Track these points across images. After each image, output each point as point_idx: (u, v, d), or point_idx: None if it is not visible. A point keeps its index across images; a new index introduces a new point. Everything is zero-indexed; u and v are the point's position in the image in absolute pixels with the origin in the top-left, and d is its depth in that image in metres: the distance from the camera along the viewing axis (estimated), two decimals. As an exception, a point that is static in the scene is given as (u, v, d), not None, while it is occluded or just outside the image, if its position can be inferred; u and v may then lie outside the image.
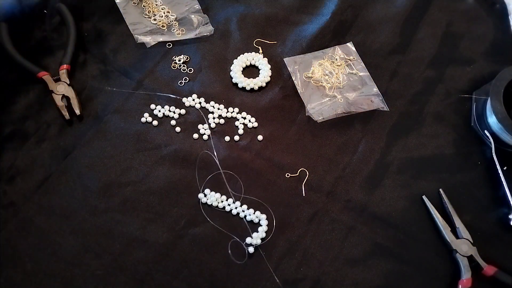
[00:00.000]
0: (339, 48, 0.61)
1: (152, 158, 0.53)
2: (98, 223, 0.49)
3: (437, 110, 0.58)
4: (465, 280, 0.46)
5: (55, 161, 0.52)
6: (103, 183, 0.51)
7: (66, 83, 0.55)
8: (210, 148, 0.54)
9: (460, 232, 0.49)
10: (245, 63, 0.60)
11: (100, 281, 0.46)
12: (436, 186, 0.52)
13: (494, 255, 0.48)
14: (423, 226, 0.50)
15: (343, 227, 0.50)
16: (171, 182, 0.52)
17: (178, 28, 0.62)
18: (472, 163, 0.55)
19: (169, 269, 0.47)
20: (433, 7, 0.65)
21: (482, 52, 0.62)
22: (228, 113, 0.56)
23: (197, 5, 0.64)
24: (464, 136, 0.56)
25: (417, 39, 0.63)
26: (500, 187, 0.52)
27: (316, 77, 0.59)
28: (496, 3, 0.66)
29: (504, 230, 0.50)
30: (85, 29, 0.61)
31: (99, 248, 0.48)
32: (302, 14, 0.64)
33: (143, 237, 0.49)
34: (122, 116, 0.55)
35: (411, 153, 0.55)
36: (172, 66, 0.59)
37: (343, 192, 0.52)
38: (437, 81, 0.60)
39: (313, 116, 0.56)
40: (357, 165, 0.54)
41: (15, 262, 0.47)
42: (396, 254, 0.49)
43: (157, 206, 0.50)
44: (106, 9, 0.63)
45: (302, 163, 0.53)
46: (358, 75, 0.60)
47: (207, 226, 0.49)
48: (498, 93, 0.53)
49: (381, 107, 0.57)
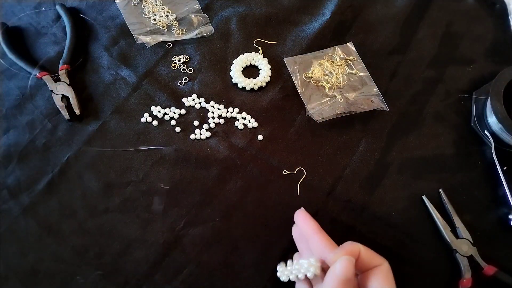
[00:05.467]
0: (339, 48, 0.61)
1: (152, 158, 0.53)
2: (98, 223, 0.49)
3: (437, 110, 0.58)
4: (465, 280, 0.46)
5: (55, 161, 0.52)
6: (103, 183, 0.51)
7: (66, 83, 0.55)
8: (210, 148, 0.54)
9: (460, 232, 0.49)
10: (245, 63, 0.60)
11: (100, 281, 0.46)
12: (436, 186, 0.52)
13: (494, 255, 0.48)
14: (423, 226, 0.50)
15: (343, 227, 0.50)
16: (171, 182, 0.52)
17: (178, 28, 0.62)
18: (472, 163, 0.55)
19: (169, 269, 0.47)
20: (433, 7, 0.65)
21: (482, 52, 0.62)
22: (228, 113, 0.56)
23: (197, 5, 0.64)
24: (464, 136, 0.56)
25: (417, 39, 0.63)
26: (500, 187, 0.52)
27: (316, 77, 0.59)
28: (496, 3, 0.66)
29: (504, 230, 0.50)
30: (85, 29, 0.61)
31: (99, 248, 0.48)
32: (302, 14, 0.64)
33: (143, 237, 0.49)
34: (122, 116, 0.55)
35: (411, 153, 0.55)
36: (172, 66, 0.59)
37: (343, 192, 0.52)
38: (437, 81, 0.60)
39: (313, 116, 0.56)
40: (357, 165, 0.54)
41: (15, 262, 0.47)
42: (396, 254, 0.49)
43: (157, 206, 0.50)
44: (106, 9, 0.63)
45: (302, 163, 0.53)
46: (358, 75, 0.60)
47: (207, 226, 0.49)
48: (498, 93, 0.53)
49: (381, 107, 0.57)
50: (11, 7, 0.62)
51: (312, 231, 0.41)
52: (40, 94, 0.56)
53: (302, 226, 0.42)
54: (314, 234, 0.40)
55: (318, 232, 0.41)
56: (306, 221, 0.42)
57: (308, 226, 0.41)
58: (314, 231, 0.41)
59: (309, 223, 0.42)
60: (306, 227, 0.41)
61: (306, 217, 0.42)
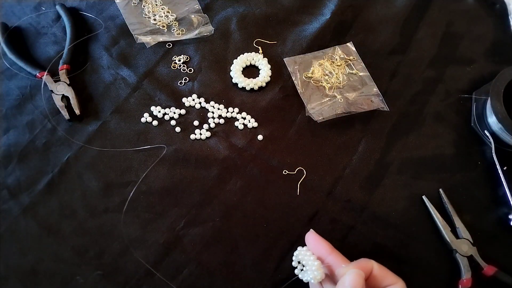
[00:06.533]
0: (339, 48, 0.61)
1: (152, 158, 0.53)
2: (98, 223, 0.49)
3: (437, 110, 0.58)
4: (465, 280, 0.46)
5: (55, 161, 0.52)
6: (103, 183, 0.51)
7: (66, 83, 0.55)
8: (210, 148, 0.54)
9: (460, 232, 0.49)
10: (245, 63, 0.60)
11: (100, 281, 0.46)
12: (436, 186, 0.52)
13: (494, 255, 0.48)
14: (423, 226, 0.50)
15: (343, 227, 0.50)
16: (171, 182, 0.52)
17: (178, 28, 0.62)
18: (472, 163, 0.55)
19: (169, 269, 0.47)
20: (433, 7, 0.65)
21: (482, 52, 0.62)
22: (228, 113, 0.56)
23: (197, 5, 0.64)
24: (464, 136, 0.56)
25: (417, 39, 0.63)
26: (500, 187, 0.52)
27: (316, 77, 0.59)
28: (496, 3, 0.66)
29: (504, 230, 0.50)
30: (85, 29, 0.61)
31: (99, 248, 0.48)
32: (302, 14, 0.64)
33: (143, 237, 0.49)
34: (122, 116, 0.55)
35: (411, 153, 0.55)
36: (172, 66, 0.59)
37: (343, 192, 0.52)
38: (437, 81, 0.60)
39: (313, 116, 0.56)
40: (357, 165, 0.54)
41: (15, 262, 0.47)
42: (396, 254, 0.49)
43: (157, 206, 0.50)
44: (105, 9, 0.63)
45: (302, 163, 0.53)
46: (358, 75, 0.60)
47: (207, 226, 0.49)
48: (498, 93, 0.53)
49: (381, 107, 0.57)
50: (11, 7, 0.62)
51: (326, 252, 0.41)
52: (40, 94, 0.56)
53: (314, 248, 0.42)
54: (328, 254, 0.41)
55: (332, 252, 0.41)
56: (318, 242, 0.42)
57: (321, 246, 0.41)
58: (327, 252, 0.41)
59: (321, 244, 0.42)
60: (319, 248, 0.41)
61: (317, 238, 0.42)
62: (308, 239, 0.43)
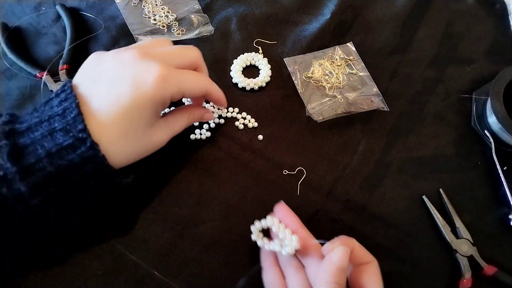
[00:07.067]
0: (339, 48, 0.61)
1: (152, 158, 0.53)
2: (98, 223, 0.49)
3: (437, 110, 0.58)
4: (465, 280, 0.46)
5: (55, 161, 0.52)
6: (103, 183, 0.51)
7: (66, 83, 0.55)
8: (210, 148, 0.54)
9: (460, 232, 0.49)
10: (245, 63, 0.60)
11: (100, 281, 0.46)
12: (436, 186, 0.52)
13: (494, 255, 0.49)
14: (423, 226, 0.50)
15: (343, 227, 0.50)
16: (172, 182, 0.52)
17: (178, 28, 0.62)
18: (472, 163, 0.55)
19: (169, 269, 0.47)
20: (433, 7, 0.65)
21: (482, 52, 0.62)
22: (228, 113, 0.56)
23: (197, 5, 0.64)
24: (464, 136, 0.56)
25: (417, 39, 0.63)
26: (500, 187, 0.52)
27: (316, 77, 0.59)
28: (496, 3, 0.66)
29: (504, 230, 0.50)
30: (85, 29, 0.61)
31: (99, 248, 0.48)
32: (302, 14, 0.64)
33: (143, 237, 0.49)
34: (122, 116, 0.55)
35: (411, 153, 0.55)
36: (172, 66, 0.59)
37: (343, 192, 0.52)
38: (437, 81, 0.60)
39: (313, 116, 0.56)
40: (357, 165, 0.54)
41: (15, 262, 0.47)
42: (396, 254, 0.49)
43: (157, 206, 0.50)
44: (105, 9, 0.63)
45: (302, 163, 0.53)
46: (358, 75, 0.60)
47: (207, 226, 0.49)
48: (498, 93, 0.53)
49: (381, 107, 0.57)
50: (11, 7, 0.62)
51: (295, 226, 0.43)
52: (40, 94, 0.56)
53: (285, 220, 0.44)
54: (298, 228, 0.43)
55: (301, 226, 0.44)
56: (289, 216, 0.45)
57: (291, 220, 0.44)
58: (297, 226, 0.44)
59: (292, 218, 0.44)
60: (289, 221, 0.44)
61: (288, 211, 0.45)
62: (280, 211, 0.45)
